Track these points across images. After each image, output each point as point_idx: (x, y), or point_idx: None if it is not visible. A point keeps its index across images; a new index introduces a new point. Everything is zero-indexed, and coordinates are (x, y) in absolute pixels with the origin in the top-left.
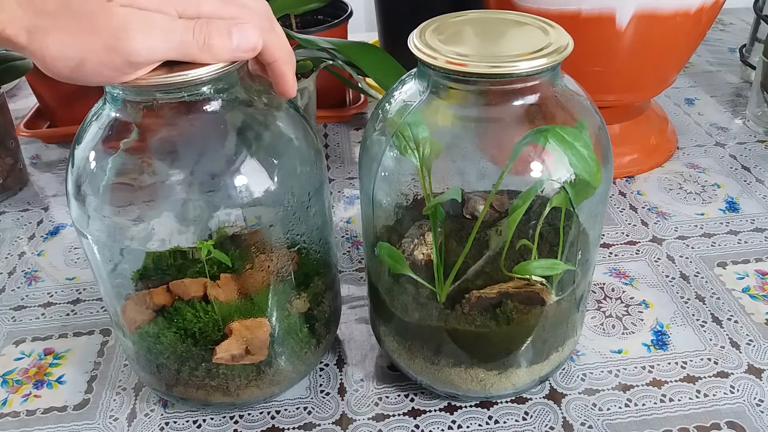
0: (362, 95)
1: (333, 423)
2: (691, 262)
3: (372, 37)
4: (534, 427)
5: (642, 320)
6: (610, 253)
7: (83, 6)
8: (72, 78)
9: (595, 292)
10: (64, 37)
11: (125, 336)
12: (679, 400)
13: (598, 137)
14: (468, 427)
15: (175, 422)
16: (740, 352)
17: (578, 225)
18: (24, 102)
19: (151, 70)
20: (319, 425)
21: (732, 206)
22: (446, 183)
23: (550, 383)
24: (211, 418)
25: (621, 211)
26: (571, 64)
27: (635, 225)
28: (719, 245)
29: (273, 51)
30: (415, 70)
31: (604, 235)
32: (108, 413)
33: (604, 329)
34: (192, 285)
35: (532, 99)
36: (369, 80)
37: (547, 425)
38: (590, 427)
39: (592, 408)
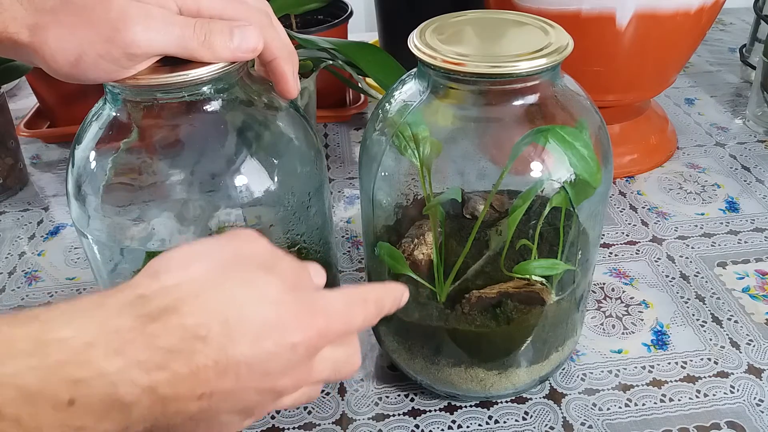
0: (362, 95)
1: (333, 423)
2: (691, 262)
3: (372, 37)
4: (534, 427)
5: (642, 320)
6: (610, 253)
7: (82, 0)
8: (72, 75)
9: (595, 292)
10: (63, 31)
11: None
12: (679, 400)
13: (598, 137)
14: (468, 427)
15: None
16: (740, 352)
17: (578, 225)
18: (24, 102)
19: (150, 66)
20: (319, 425)
21: (732, 206)
22: (446, 183)
23: (550, 383)
24: None
25: (621, 211)
26: (571, 64)
27: (635, 225)
28: (719, 245)
29: (272, 49)
30: (415, 70)
31: (604, 235)
32: None
33: (604, 329)
34: None
35: (532, 99)
36: (369, 80)
37: (547, 425)
38: (590, 427)
39: (592, 408)
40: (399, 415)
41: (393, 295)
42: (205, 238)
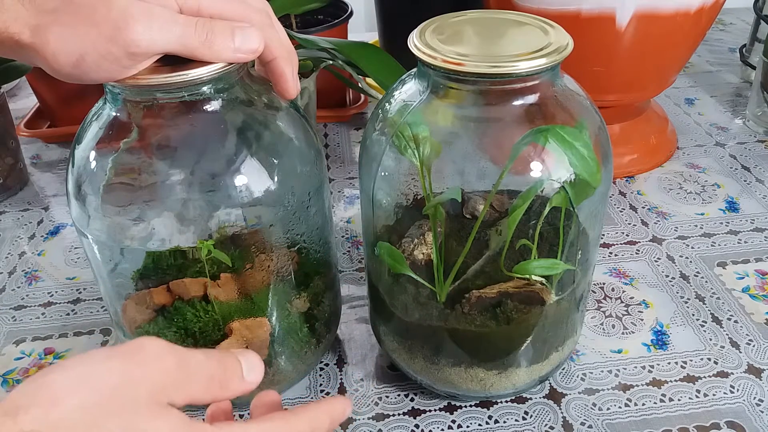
0: (362, 95)
1: None
2: (691, 262)
3: (372, 37)
4: (534, 427)
5: (642, 320)
6: (610, 253)
7: (84, 0)
8: (74, 75)
9: (595, 292)
10: (64, 31)
11: (125, 336)
12: (679, 400)
13: (598, 137)
14: (468, 426)
15: None
16: (740, 352)
17: (578, 225)
18: (24, 102)
19: (150, 66)
20: None
21: (732, 206)
22: (446, 183)
23: (549, 383)
24: None
25: (621, 211)
26: (571, 64)
27: (635, 225)
28: (719, 245)
29: (272, 48)
30: (415, 70)
31: (604, 235)
32: None
33: (604, 329)
34: (192, 285)
35: (531, 99)
36: (369, 80)
37: (547, 425)
38: (590, 426)
39: (591, 408)
40: (399, 414)
41: (331, 417)
42: (95, 352)
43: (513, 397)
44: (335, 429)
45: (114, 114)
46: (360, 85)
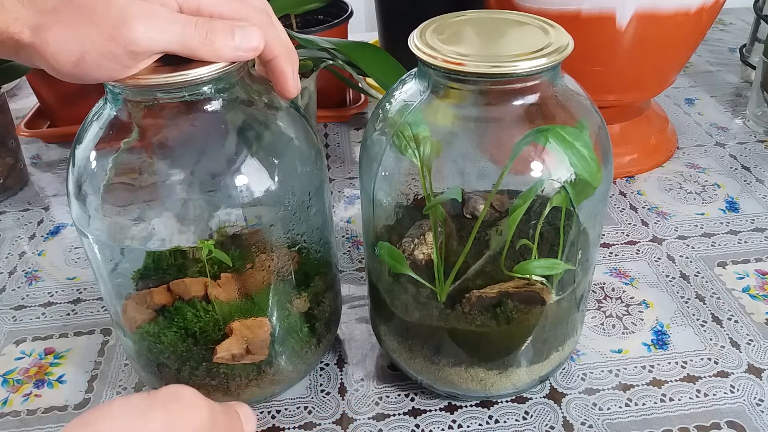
0: (362, 95)
1: (333, 422)
2: (691, 261)
3: (372, 37)
4: (534, 427)
5: (642, 320)
6: (610, 253)
7: (84, 0)
8: (74, 74)
9: (595, 292)
10: (64, 31)
11: (126, 335)
12: (679, 400)
13: (598, 137)
14: (468, 426)
15: None
16: (740, 352)
17: (578, 225)
18: (24, 102)
19: (150, 65)
20: (320, 425)
21: (732, 206)
22: (446, 183)
23: (550, 383)
24: None
25: (621, 211)
26: (571, 64)
27: (635, 225)
28: (719, 245)
29: (272, 47)
30: (415, 69)
31: (604, 235)
32: None
33: (604, 329)
34: (192, 284)
35: (532, 99)
36: (369, 80)
37: (547, 425)
38: (590, 426)
39: (592, 407)
40: (399, 414)
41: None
42: (135, 400)
43: (513, 397)
44: None
45: (114, 114)
46: (360, 85)
